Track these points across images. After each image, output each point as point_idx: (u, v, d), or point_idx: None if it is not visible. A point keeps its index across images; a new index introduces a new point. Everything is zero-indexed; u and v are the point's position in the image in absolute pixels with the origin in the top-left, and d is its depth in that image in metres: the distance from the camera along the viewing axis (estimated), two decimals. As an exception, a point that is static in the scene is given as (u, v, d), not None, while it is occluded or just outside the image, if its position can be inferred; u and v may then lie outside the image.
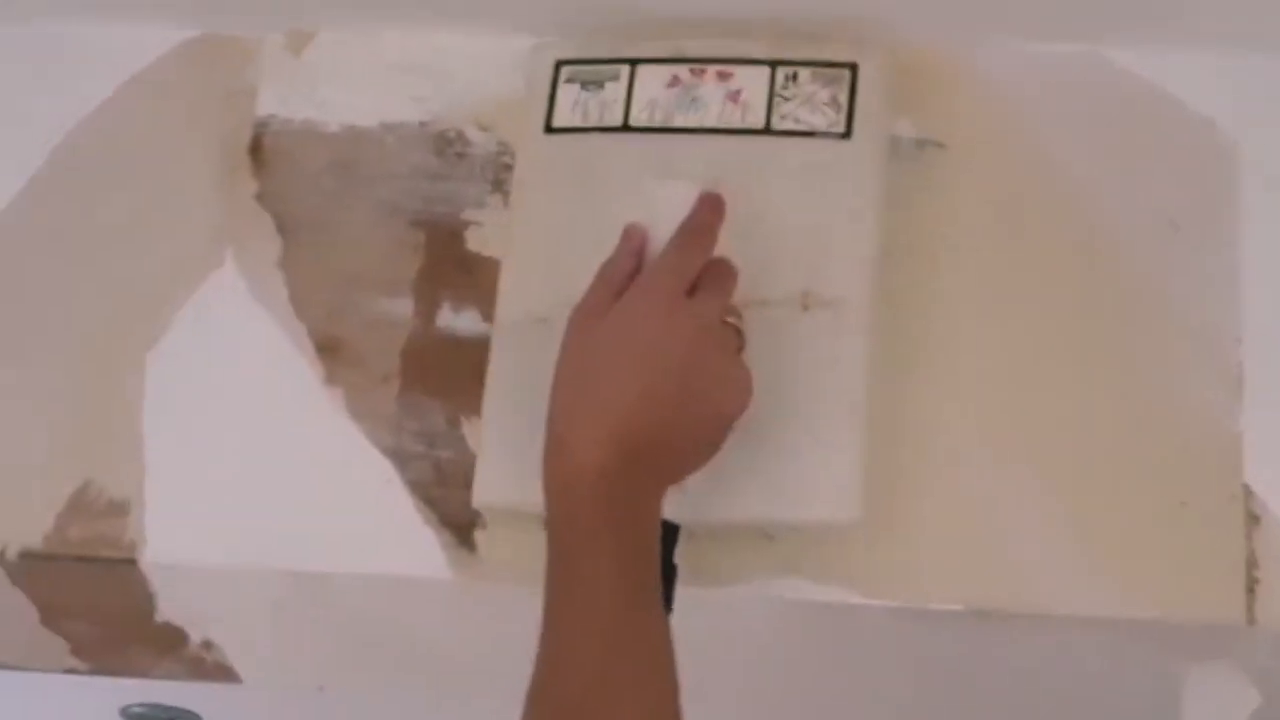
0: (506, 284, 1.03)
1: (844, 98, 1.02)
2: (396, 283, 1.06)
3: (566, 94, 1.05)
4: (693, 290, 0.92)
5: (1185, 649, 0.99)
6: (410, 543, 1.02)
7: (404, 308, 1.06)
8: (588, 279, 0.94)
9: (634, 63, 1.05)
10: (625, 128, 1.04)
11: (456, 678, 1.12)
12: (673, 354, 0.89)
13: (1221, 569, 0.96)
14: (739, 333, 0.94)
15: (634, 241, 0.95)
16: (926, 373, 1.00)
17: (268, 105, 1.10)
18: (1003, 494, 0.99)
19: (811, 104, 1.02)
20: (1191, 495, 0.98)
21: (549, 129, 1.05)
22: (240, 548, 1.02)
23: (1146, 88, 1.04)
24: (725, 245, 0.96)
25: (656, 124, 1.04)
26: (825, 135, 1.02)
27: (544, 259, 1.02)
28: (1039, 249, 1.02)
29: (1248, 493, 0.98)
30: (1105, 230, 1.02)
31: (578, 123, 1.05)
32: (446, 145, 1.08)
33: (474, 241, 1.06)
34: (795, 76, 1.03)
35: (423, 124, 1.09)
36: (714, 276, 0.94)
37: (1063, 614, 0.97)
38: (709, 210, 0.97)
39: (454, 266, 1.06)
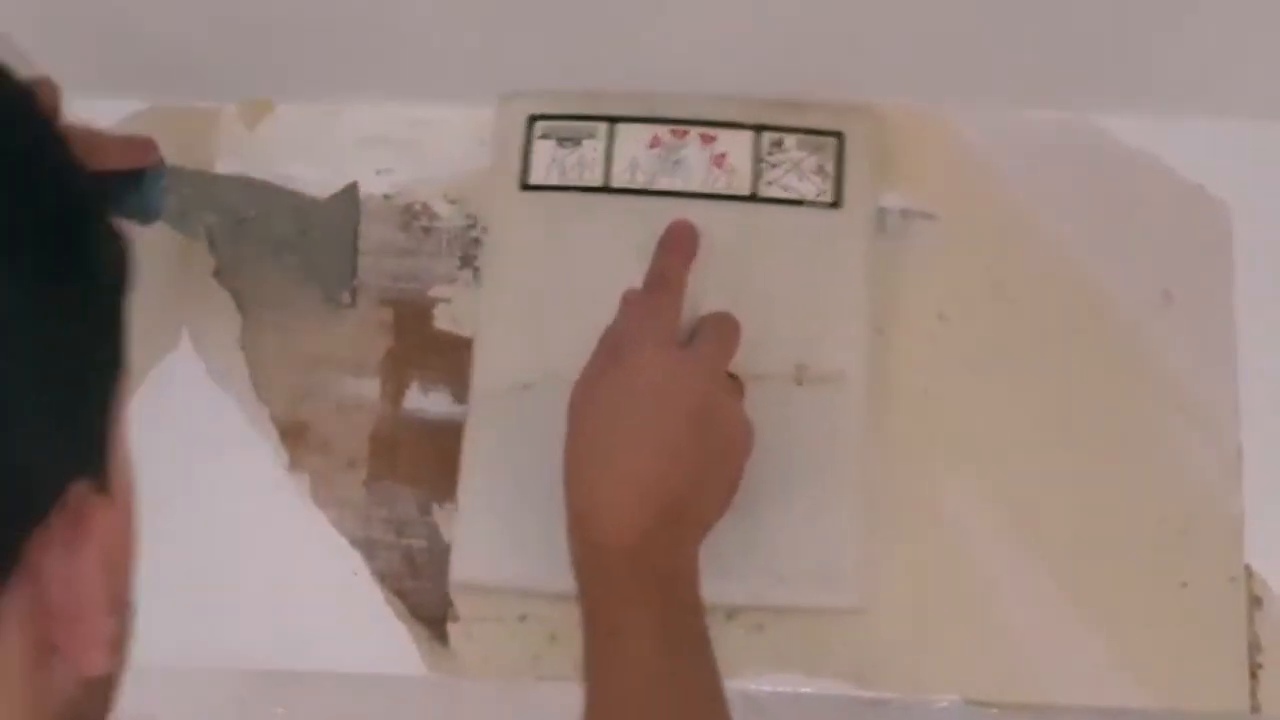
0: (484, 350, 0.99)
1: (831, 166, 1.00)
2: (363, 363, 1.02)
3: (542, 151, 1.02)
4: (690, 340, 0.91)
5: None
6: (380, 638, 0.98)
7: (371, 389, 1.02)
8: (570, 343, 0.91)
9: (612, 120, 1.02)
10: (606, 188, 1.01)
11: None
12: (681, 402, 0.87)
13: (1224, 654, 0.94)
14: (740, 385, 0.93)
15: (639, 312, 0.92)
16: (920, 451, 0.98)
17: (224, 178, 1.06)
18: (1000, 577, 0.96)
19: (799, 171, 1.00)
20: (1192, 577, 0.95)
21: (525, 186, 1.02)
22: (199, 647, 0.97)
23: (1135, 154, 1.02)
24: (716, 314, 0.94)
25: (639, 185, 1.01)
26: (814, 204, 0.99)
27: (523, 323, 0.99)
28: (1032, 322, 1.00)
29: (1249, 574, 0.95)
30: (1099, 303, 1.00)
31: (555, 181, 1.02)
32: (413, 219, 1.04)
33: (443, 319, 1.02)
34: (780, 143, 1.01)
35: (387, 197, 1.05)
36: (715, 326, 0.92)
37: (1061, 704, 0.94)
38: (670, 253, 0.95)
39: (422, 346, 1.02)
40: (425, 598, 0.98)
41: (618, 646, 0.83)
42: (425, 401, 1.01)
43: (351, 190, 1.04)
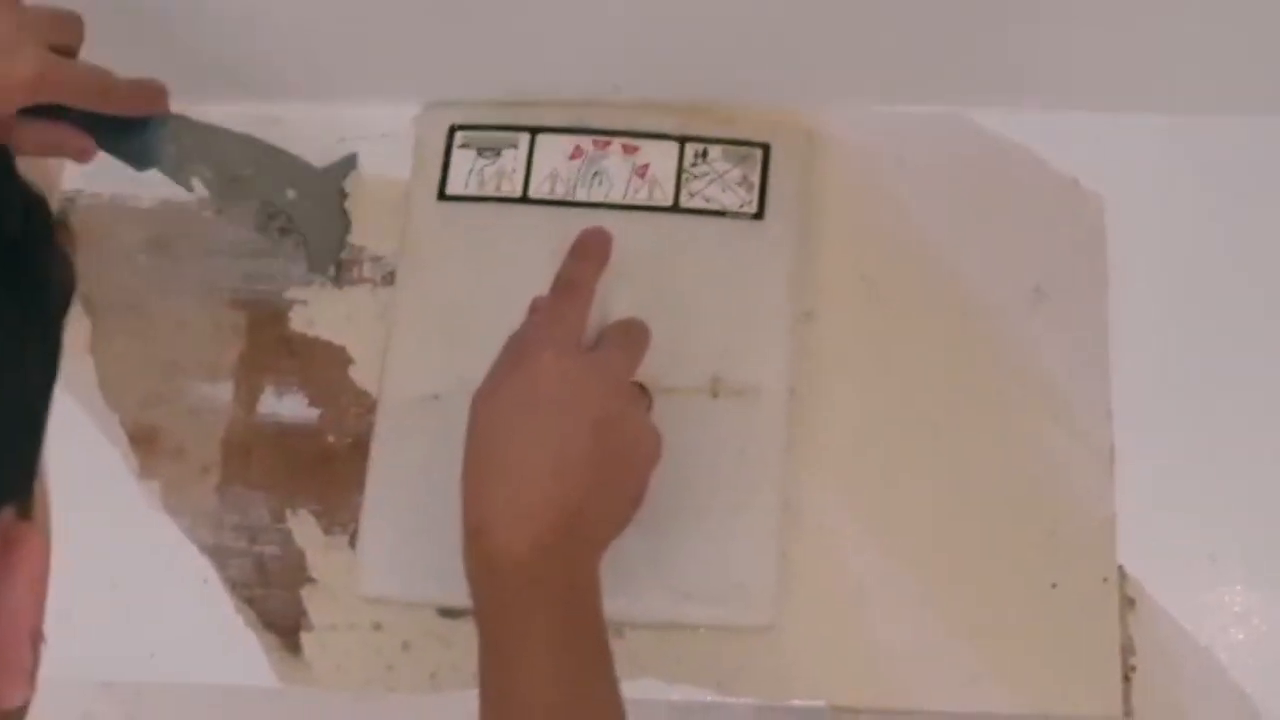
0: (394, 359, 0.97)
1: (756, 177, 0.99)
2: (216, 367, 0.99)
3: (461, 160, 1.01)
4: (596, 346, 0.88)
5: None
6: (232, 648, 0.95)
7: (224, 393, 0.99)
8: (482, 354, 0.87)
9: (534, 130, 1.01)
10: (524, 199, 0.99)
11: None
12: (583, 410, 0.83)
13: (1096, 657, 0.92)
14: (647, 394, 0.90)
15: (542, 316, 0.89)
16: (792, 453, 0.95)
17: (73, 180, 1.03)
18: (864, 580, 0.94)
19: (723, 183, 0.98)
20: (1062, 578, 0.93)
21: (442, 196, 1.00)
22: (45, 657, 0.94)
23: (1008, 147, 1.00)
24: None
25: (558, 197, 0.99)
26: (737, 215, 0.98)
27: (436, 333, 0.97)
28: (905, 320, 0.98)
29: (1122, 575, 0.93)
30: (971, 298, 0.98)
31: (473, 191, 1.00)
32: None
33: (298, 322, 1.00)
34: (705, 154, 0.99)
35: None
36: (622, 333, 0.90)
37: (929, 709, 0.92)
38: (579, 259, 0.92)
39: (277, 349, 1.00)
40: (277, 606, 0.95)
41: (510, 664, 0.80)
42: (280, 405, 0.99)
43: (349, 161, 1.02)
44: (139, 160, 0.93)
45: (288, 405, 0.99)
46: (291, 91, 1.03)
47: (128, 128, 0.91)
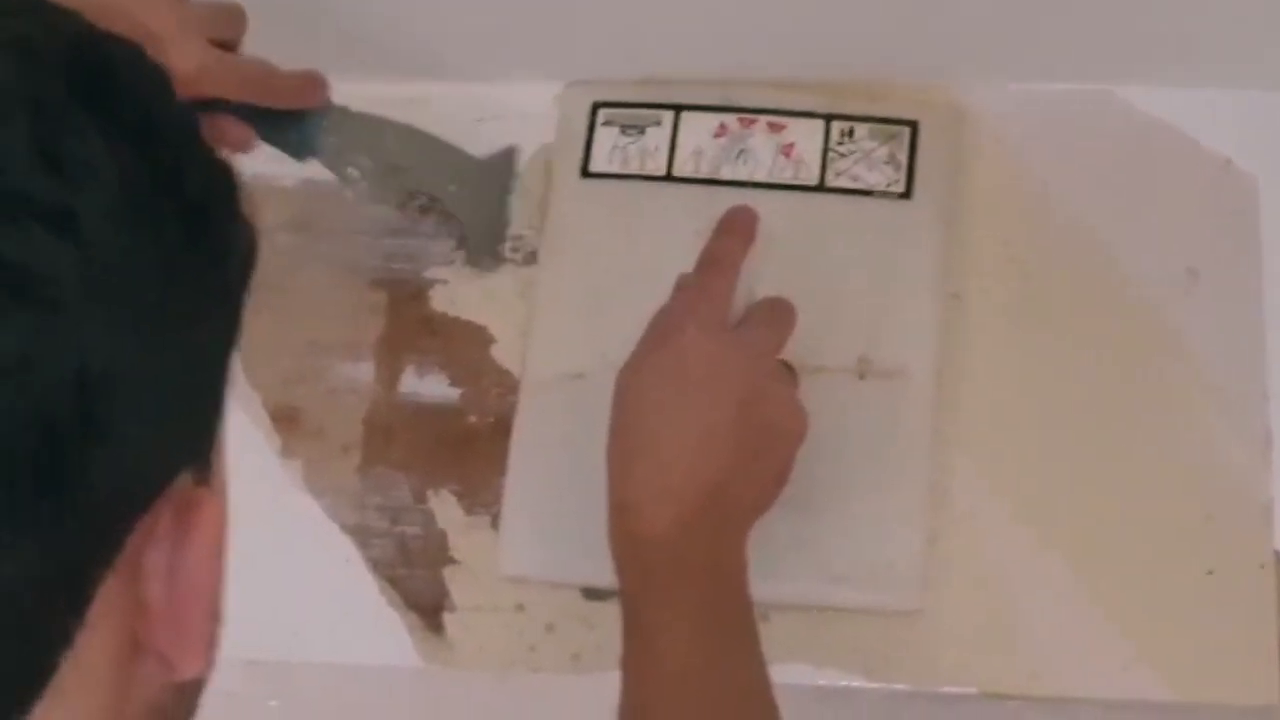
0: (537, 338, 0.97)
1: (903, 156, 0.97)
2: (357, 346, 0.99)
3: (604, 138, 1.00)
4: (741, 324, 0.87)
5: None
6: (374, 628, 0.95)
7: (365, 373, 0.99)
8: (626, 333, 0.87)
9: (678, 108, 1.00)
10: (669, 177, 0.99)
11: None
12: (728, 387, 0.83)
13: (1252, 644, 0.90)
14: (793, 372, 0.89)
15: (688, 294, 0.88)
16: (940, 436, 0.94)
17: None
18: (1017, 566, 0.92)
19: (869, 161, 0.97)
20: (1218, 564, 0.91)
21: (585, 174, 0.99)
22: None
23: (1160, 127, 0.98)
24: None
25: (702, 175, 0.99)
26: (884, 195, 0.97)
27: (579, 312, 0.97)
28: (1050, 302, 0.96)
29: (1279, 560, 0.90)
30: (1122, 280, 0.96)
31: (616, 169, 0.99)
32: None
33: (439, 301, 1.00)
34: (851, 132, 0.98)
35: (384, 177, 1.02)
36: (769, 311, 0.89)
37: (1081, 697, 0.90)
38: (725, 235, 0.91)
39: (418, 328, 0.99)
40: (419, 586, 0.95)
41: (654, 642, 0.80)
42: (421, 385, 0.98)
43: (509, 154, 1.02)
44: (298, 151, 0.93)
45: (429, 385, 0.98)
46: (432, 71, 1.02)
47: (287, 118, 0.91)
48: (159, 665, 0.50)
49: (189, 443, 0.50)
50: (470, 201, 1.00)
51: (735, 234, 0.92)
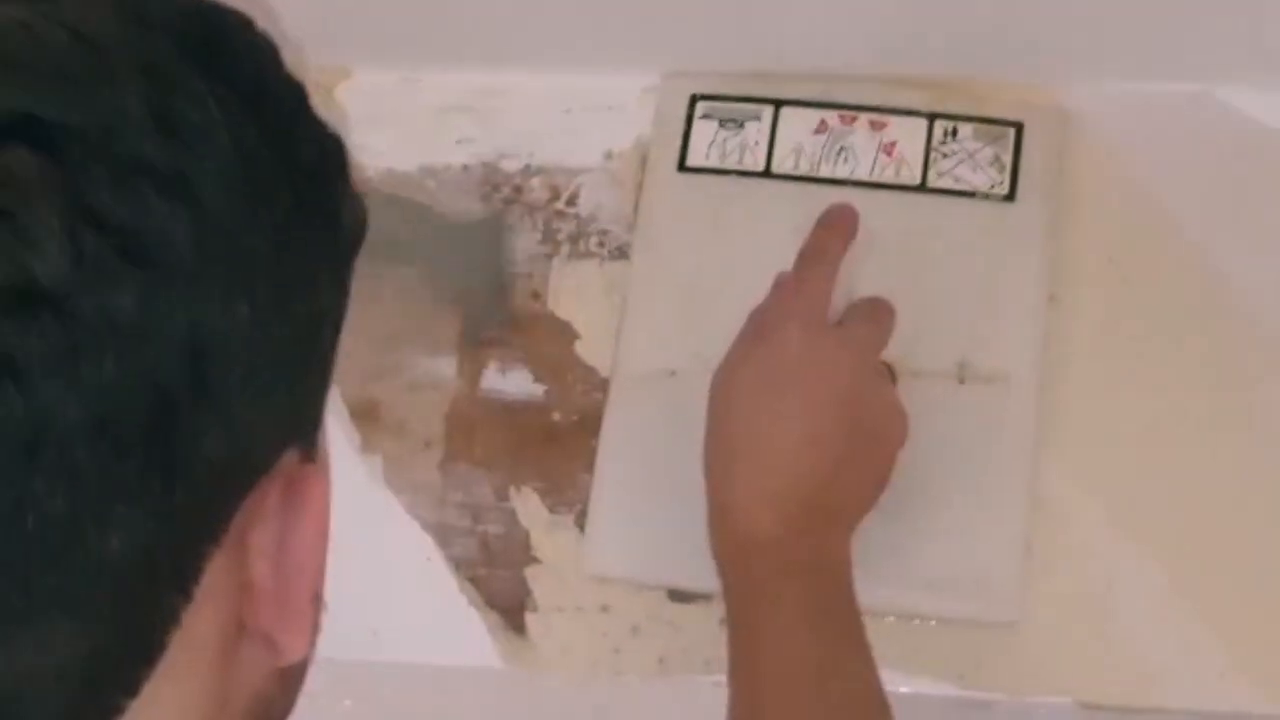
0: (628, 334, 0.95)
1: (1008, 158, 0.95)
2: (439, 341, 0.97)
3: (702, 131, 0.98)
4: (841, 323, 0.86)
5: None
6: (455, 628, 0.93)
7: (447, 368, 0.97)
8: (721, 330, 0.86)
9: (778, 103, 0.98)
10: (767, 173, 0.97)
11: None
12: (830, 386, 0.82)
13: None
14: (892, 372, 0.88)
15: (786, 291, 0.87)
16: (1041, 441, 0.91)
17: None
18: (1112, 572, 0.90)
19: (973, 162, 0.95)
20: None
21: (682, 167, 0.98)
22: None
23: (1263, 130, 0.96)
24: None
25: (802, 172, 0.97)
26: (987, 197, 0.95)
27: (672, 307, 0.95)
28: (1149, 306, 0.94)
29: (1378, 572, 0.89)
30: (1222, 283, 0.94)
31: (714, 163, 0.98)
32: (493, 191, 0.99)
33: (522, 295, 0.98)
34: (955, 132, 0.96)
35: (467, 168, 1.00)
36: (870, 309, 0.87)
37: (1178, 708, 0.88)
38: (828, 231, 0.90)
39: (501, 323, 0.98)
40: (501, 586, 0.93)
41: (763, 645, 0.79)
42: (503, 382, 0.97)
43: (496, 220, 0.99)
44: None
45: (512, 381, 0.97)
46: (514, 60, 1.00)
47: None
48: (264, 647, 0.49)
49: (297, 417, 0.49)
50: (469, 273, 0.98)
51: (835, 230, 0.90)
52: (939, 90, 0.98)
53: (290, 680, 0.54)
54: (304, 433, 0.50)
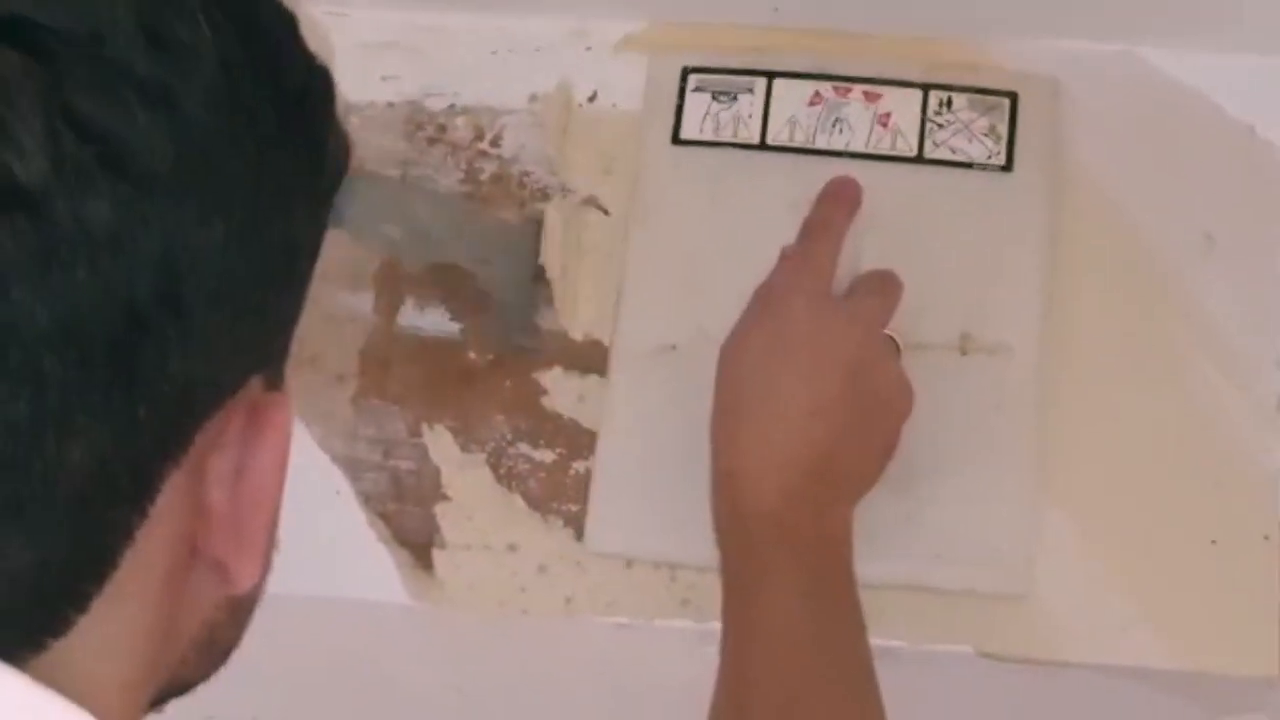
0: (628, 308, 0.95)
1: (1004, 128, 0.95)
2: (356, 276, 0.97)
3: (695, 104, 0.98)
4: (847, 295, 0.87)
5: (1217, 702, 0.92)
6: (361, 562, 0.93)
7: (364, 303, 0.97)
8: (721, 303, 0.86)
9: (771, 75, 0.98)
10: (762, 145, 0.96)
11: (408, 712, 1.02)
12: (834, 356, 0.82)
13: (1255, 614, 0.89)
14: (897, 345, 0.88)
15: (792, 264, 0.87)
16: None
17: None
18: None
19: (968, 133, 0.95)
20: (1222, 534, 0.90)
21: (676, 140, 0.97)
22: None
23: (1183, 91, 0.97)
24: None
25: (797, 144, 0.96)
26: (984, 167, 0.95)
27: (671, 281, 0.95)
28: (1082, 263, 0.95)
29: (1284, 531, 0.90)
30: (1140, 243, 0.95)
31: (708, 136, 0.97)
32: (417, 129, 0.99)
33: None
34: (949, 103, 0.96)
35: (391, 105, 1.00)
36: (875, 282, 0.88)
37: (1081, 661, 0.90)
38: (829, 203, 0.90)
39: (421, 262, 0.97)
40: (410, 522, 0.93)
41: (757, 613, 0.79)
42: (421, 319, 0.96)
43: (534, 221, 0.98)
44: None
45: (429, 319, 0.96)
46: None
47: None
48: (216, 574, 0.50)
49: (265, 345, 0.49)
50: (507, 280, 0.97)
51: (839, 202, 0.91)
52: (932, 62, 0.98)
53: (240, 611, 0.55)
54: (271, 361, 0.50)
